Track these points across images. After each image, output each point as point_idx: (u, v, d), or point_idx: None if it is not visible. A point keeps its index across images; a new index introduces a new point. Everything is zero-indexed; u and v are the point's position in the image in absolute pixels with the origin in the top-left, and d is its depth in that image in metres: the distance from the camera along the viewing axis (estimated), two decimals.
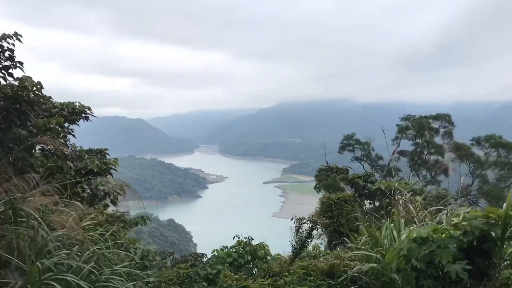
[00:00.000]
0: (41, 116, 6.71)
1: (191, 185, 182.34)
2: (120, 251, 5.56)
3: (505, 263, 4.80)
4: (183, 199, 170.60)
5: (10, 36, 6.19)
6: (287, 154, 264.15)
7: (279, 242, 16.04)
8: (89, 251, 4.37)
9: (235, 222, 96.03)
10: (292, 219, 11.39)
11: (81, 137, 8.66)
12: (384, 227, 6.06)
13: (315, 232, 11.51)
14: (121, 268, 4.63)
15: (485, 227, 4.28)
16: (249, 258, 9.61)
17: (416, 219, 6.06)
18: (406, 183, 16.87)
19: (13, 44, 6.25)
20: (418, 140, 31.10)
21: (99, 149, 8.80)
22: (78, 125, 8.07)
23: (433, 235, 4.56)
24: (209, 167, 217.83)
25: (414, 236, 4.61)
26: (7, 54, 6.25)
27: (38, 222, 4.22)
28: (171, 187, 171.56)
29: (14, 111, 5.84)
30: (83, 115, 8.14)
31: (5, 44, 6.21)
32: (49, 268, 3.98)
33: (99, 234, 5.00)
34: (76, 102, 8.19)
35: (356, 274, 5.59)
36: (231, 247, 10.33)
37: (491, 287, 4.40)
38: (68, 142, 7.82)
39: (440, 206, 6.53)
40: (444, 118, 31.10)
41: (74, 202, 5.23)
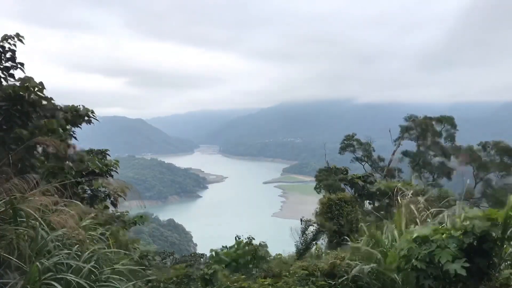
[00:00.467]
0: (42, 117, 6.71)
1: (191, 185, 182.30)
2: (120, 250, 5.56)
3: (505, 263, 4.80)
4: (183, 199, 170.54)
5: (11, 37, 6.19)
6: (287, 154, 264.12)
7: (279, 242, 16.04)
8: (89, 250, 4.38)
9: (235, 222, 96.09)
10: (301, 220, 11.34)
11: (81, 137, 8.64)
12: (385, 227, 6.06)
13: (321, 236, 11.46)
14: (121, 267, 4.63)
15: (485, 227, 4.28)
16: (249, 258, 9.62)
17: (418, 220, 6.06)
18: (408, 183, 16.87)
19: (14, 45, 6.25)
20: (421, 141, 31.02)
21: (99, 150, 8.79)
22: (81, 128, 8.06)
23: (433, 235, 4.57)
24: (209, 167, 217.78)
25: (414, 236, 4.62)
26: (8, 55, 6.26)
27: (38, 222, 4.23)
28: (171, 187, 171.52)
29: (15, 112, 5.84)
30: (86, 118, 8.12)
31: (6, 45, 6.22)
32: (49, 268, 3.98)
33: (99, 233, 5.00)
34: (79, 105, 8.18)
35: (357, 274, 5.59)
36: (231, 247, 10.34)
37: (491, 287, 4.40)
38: (69, 143, 7.81)
39: (442, 208, 6.53)
40: (447, 121, 30.98)
41: (74, 201, 5.23)
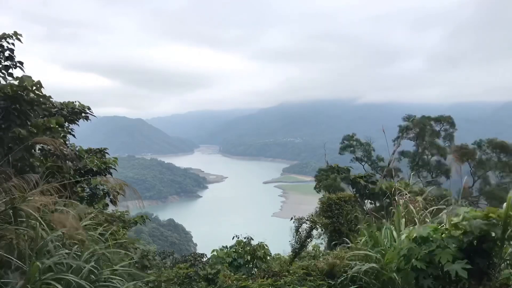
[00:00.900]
0: (41, 116, 6.70)
1: (191, 185, 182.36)
2: (120, 250, 5.55)
3: (505, 263, 4.80)
4: (183, 199, 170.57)
5: (9, 36, 6.19)
6: (287, 154, 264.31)
7: (279, 242, 16.04)
8: (89, 250, 4.37)
9: (235, 222, 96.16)
10: (292, 219, 11.39)
11: (81, 137, 8.65)
12: (384, 227, 6.06)
13: (314, 232, 11.51)
14: (121, 268, 4.62)
15: (485, 227, 4.27)
16: (249, 258, 9.62)
17: (416, 219, 6.05)
18: (406, 183, 16.88)
19: (13, 44, 6.25)
20: (420, 141, 31.10)
21: (98, 149, 8.78)
22: (78, 125, 8.05)
23: (433, 235, 4.56)
24: (209, 167, 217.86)
25: (414, 236, 4.62)
26: (7, 53, 6.25)
27: (38, 222, 4.22)
28: (171, 187, 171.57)
29: (13, 111, 5.83)
30: (83, 114, 8.12)
31: (5, 44, 6.21)
32: (49, 267, 3.98)
33: (99, 233, 4.99)
34: (75, 101, 8.18)
35: (356, 274, 5.58)
36: (231, 247, 10.34)
37: (491, 287, 4.40)
38: (67, 142, 7.81)
39: (440, 206, 6.52)
40: (446, 121, 31.06)
41: (74, 201, 5.23)
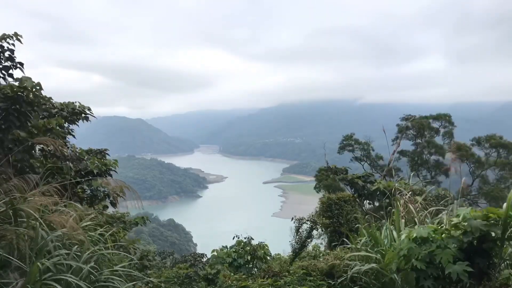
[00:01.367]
0: (41, 117, 6.70)
1: (191, 185, 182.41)
2: (120, 251, 5.56)
3: (505, 263, 4.80)
4: (183, 199, 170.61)
5: (10, 36, 6.19)
6: (287, 154, 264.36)
7: (279, 242, 16.06)
8: (89, 251, 4.38)
9: (235, 222, 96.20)
10: (292, 219, 11.40)
11: (81, 137, 8.66)
12: (384, 227, 6.06)
13: (315, 232, 11.53)
14: (120, 268, 4.63)
15: (485, 227, 4.27)
16: (249, 258, 9.63)
17: (416, 219, 6.05)
18: (406, 183, 16.86)
19: (13, 45, 6.25)
20: (419, 140, 31.13)
21: (99, 150, 8.77)
22: (78, 126, 8.05)
23: (433, 235, 4.56)
24: (209, 167, 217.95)
25: (414, 236, 4.61)
26: (7, 54, 6.25)
27: (38, 222, 4.23)
28: (171, 187, 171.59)
29: (13, 112, 5.83)
30: (83, 115, 8.13)
31: (5, 45, 6.21)
32: (49, 268, 3.98)
33: (99, 234, 5.00)
34: (76, 102, 8.18)
35: (356, 274, 5.58)
36: (231, 247, 10.34)
37: (491, 287, 4.40)
38: (68, 143, 7.81)
39: (440, 206, 6.53)
40: (445, 119, 31.09)
41: (73, 202, 5.23)
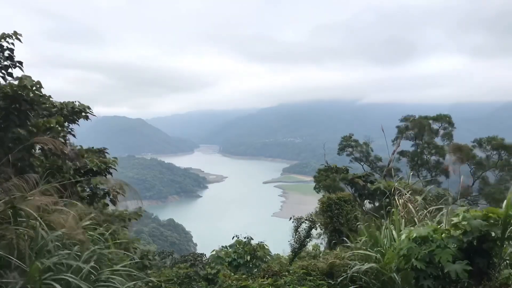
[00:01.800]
0: (41, 116, 6.70)
1: (191, 185, 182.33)
2: (120, 251, 5.55)
3: (505, 263, 4.80)
4: (183, 199, 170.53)
5: (9, 36, 6.19)
6: (287, 154, 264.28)
7: (279, 242, 16.04)
8: (89, 251, 4.37)
9: (235, 222, 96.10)
10: (291, 218, 11.40)
11: (81, 137, 8.65)
12: (384, 227, 6.06)
13: (314, 232, 11.52)
14: (120, 268, 4.62)
15: (485, 227, 4.27)
16: (249, 258, 9.62)
17: (416, 219, 6.05)
18: (406, 183, 16.86)
19: (12, 44, 6.25)
20: (418, 141, 31.10)
21: (98, 149, 8.77)
22: (78, 125, 8.06)
23: (433, 235, 4.56)
24: (209, 167, 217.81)
25: (414, 236, 4.61)
26: (6, 53, 6.25)
27: (38, 222, 4.22)
28: (171, 187, 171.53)
29: (13, 111, 5.83)
30: (83, 114, 8.13)
31: (4, 44, 6.21)
32: (49, 267, 3.98)
33: (98, 233, 4.99)
34: (75, 101, 8.20)
35: (356, 274, 5.58)
36: (231, 246, 10.34)
37: (491, 287, 4.40)
38: (68, 142, 7.81)
39: (440, 206, 6.53)
40: (444, 119, 31.03)
41: (73, 201, 5.23)
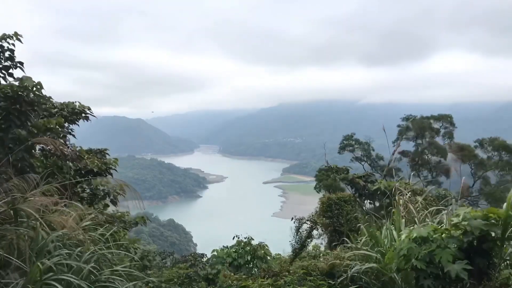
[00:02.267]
0: (41, 116, 6.71)
1: (191, 185, 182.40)
2: (120, 251, 5.56)
3: (505, 263, 4.80)
4: (183, 199, 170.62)
5: (10, 36, 6.20)
6: (287, 154, 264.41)
7: (279, 242, 16.06)
8: (90, 251, 4.38)
9: (235, 222, 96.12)
10: (292, 219, 11.41)
11: (81, 137, 8.66)
12: (384, 227, 6.06)
13: (315, 232, 11.54)
14: (121, 268, 4.63)
15: (485, 227, 4.28)
16: (249, 258, 9.62)
17: (416, 219, 6.06)
18: (406, 183, 16.87)
19: (13, 44, 6.26)
20: (419, 141, 31.12)
21: (99, 149, 8.78)
22: (78, 125, 8.08)
23: (433, 235, 4.56)
24: (209, 167, 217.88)
25: (414, 236, 4.62)
26: (7, 54, 6.26)
27: (38, 222, 4.23)
28: (171, 187, 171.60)
29: (14, 111, 5.83)
30: (83, 115, 8.16)
31: (5, 44, 6.22)
32: (50, 268, 3.98)
33: (99, 234, 5.00)
34: (76, 102, 8.22)
35: (356, 274, 5.59)
36: (231, 247, 10.34)
37: (491, 287, 4.40)
38: (68, 142, 7.82)
39: (440, 206, 6.53)
40: (445, 119, 31.06)
41: (74, 202, 5.24)
